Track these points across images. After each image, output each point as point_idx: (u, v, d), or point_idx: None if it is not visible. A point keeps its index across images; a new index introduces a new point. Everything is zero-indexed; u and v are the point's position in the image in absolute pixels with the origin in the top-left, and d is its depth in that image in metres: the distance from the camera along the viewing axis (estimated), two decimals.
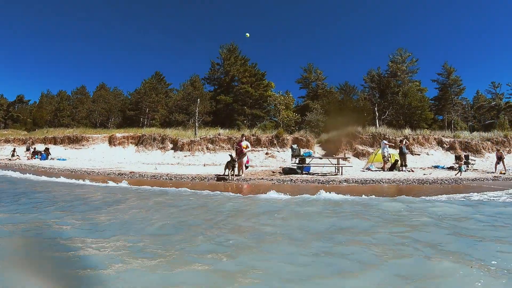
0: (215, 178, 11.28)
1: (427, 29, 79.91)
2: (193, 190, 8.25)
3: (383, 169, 14.48)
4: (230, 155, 11.14)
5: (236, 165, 11.12)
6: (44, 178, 11.33)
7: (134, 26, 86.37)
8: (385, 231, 4.00)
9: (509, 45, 64.74)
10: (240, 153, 11.46)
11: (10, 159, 20.23)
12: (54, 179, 10.96)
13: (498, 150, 15.27)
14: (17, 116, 45.89)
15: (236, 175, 11.12)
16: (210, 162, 19.36)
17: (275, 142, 21.12)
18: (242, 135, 12.53)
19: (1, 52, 69.41)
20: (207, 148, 21.56)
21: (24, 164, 17.48)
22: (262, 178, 11.24)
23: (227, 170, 11.11)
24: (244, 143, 11.60)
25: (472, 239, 3.64)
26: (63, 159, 20.37)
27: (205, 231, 4.10)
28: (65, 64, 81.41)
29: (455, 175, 12.57)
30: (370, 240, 3.65)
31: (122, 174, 13.06)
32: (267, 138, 21.39)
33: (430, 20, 79.34)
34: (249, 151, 11.78)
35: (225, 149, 21.07)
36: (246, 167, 12.39)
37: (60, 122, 40.58)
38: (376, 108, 33.05)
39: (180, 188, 8.54)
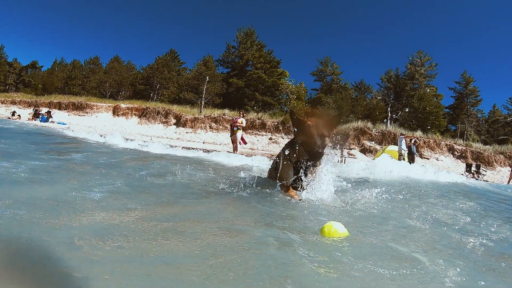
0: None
1: (448, 35, 77.28)
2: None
3: None
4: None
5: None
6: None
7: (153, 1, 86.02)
8: None
9: None
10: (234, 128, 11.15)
11: (9, 118, 20.16)
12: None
13: None
14: (28, 80, 45.92)
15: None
16: (211, 141, 18.95)
17: (281, 128, 20.53)
18: (240, 112, 12.21)
19: (18, 16, 69.71)
20: (210, 127, 21.12)
21: (21, 123, 17.26)
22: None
23: None
24: (240, 120, 11.19)
25: None
26: (63, 123, 20.11)
27: None
28: (81, 34, 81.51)
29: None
30: None
31: None
32: (272, 123, 20.80)
33: (452, 26, 76.77)
34: (242, 126, 11.26)
35: (229, 130, 20.57)
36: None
37: (70, 90, 40.46)
38: (389, 109, 32.08)
39: None
